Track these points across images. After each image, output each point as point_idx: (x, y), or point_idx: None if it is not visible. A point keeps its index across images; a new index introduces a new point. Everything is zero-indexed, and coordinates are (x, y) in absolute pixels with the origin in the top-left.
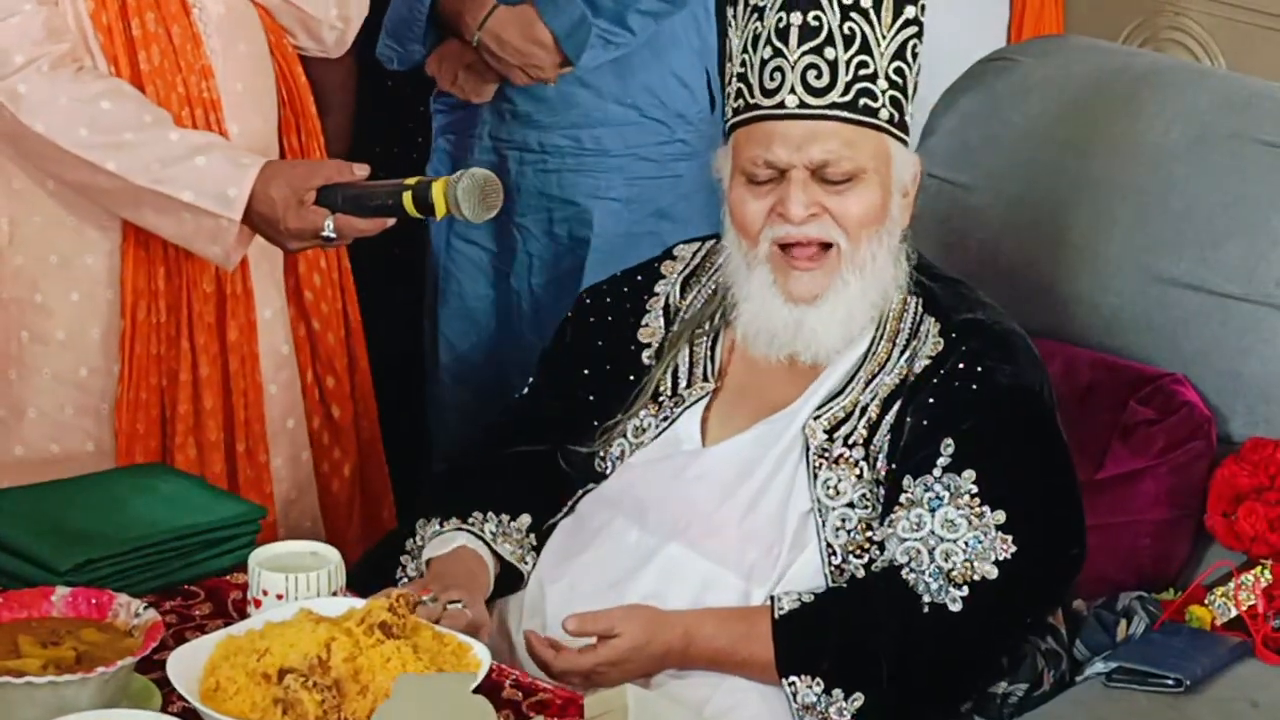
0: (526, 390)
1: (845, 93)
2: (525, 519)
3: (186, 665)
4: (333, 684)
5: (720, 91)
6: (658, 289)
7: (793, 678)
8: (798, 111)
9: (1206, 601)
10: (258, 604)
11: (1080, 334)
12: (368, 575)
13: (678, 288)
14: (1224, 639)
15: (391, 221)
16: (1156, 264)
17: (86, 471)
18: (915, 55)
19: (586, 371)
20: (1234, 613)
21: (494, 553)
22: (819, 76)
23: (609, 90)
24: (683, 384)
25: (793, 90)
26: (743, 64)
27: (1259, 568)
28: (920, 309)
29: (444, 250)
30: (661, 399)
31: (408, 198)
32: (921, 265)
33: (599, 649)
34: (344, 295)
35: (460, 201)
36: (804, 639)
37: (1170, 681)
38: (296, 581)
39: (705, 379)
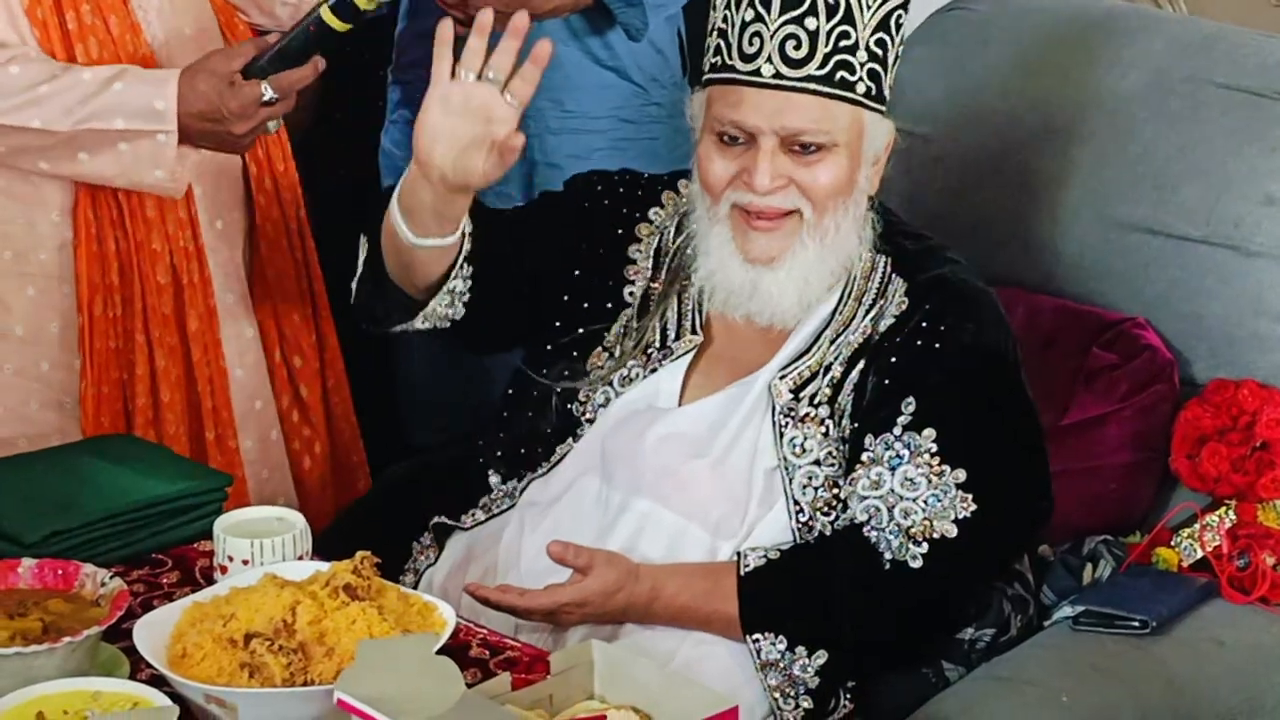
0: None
1: (823, 65)
2: None
3: (153, 633)
4: (298, 647)
5: (690, 54)
6: (652, 215)
7: (756, 635)
8: (773, 82)
9: (1172, 543)
10: (224, 570)
11: (1042, 281)
12: (337, 541)
13: (672, 229)
14: (1190, 580)
15: (323, 62)
16: (1116, 209)
17: None
18: (899, 27)
19: (577, 273)
20: (1199, 554)
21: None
22: (798, 47)
23: (591, 52)
24: (671, 336)
25: (770, 60)
26: (724, 19)
27: (1223, 508)
28: (889, 268)
29: None
30: (650, 351)
31: (326, 12)
32: (893, 223)
33: (565, 588)
34: (309, 273)
35: None
36: (767, 597)
37: (1136, 623)
38: (262, 547)
39: (693, 331)
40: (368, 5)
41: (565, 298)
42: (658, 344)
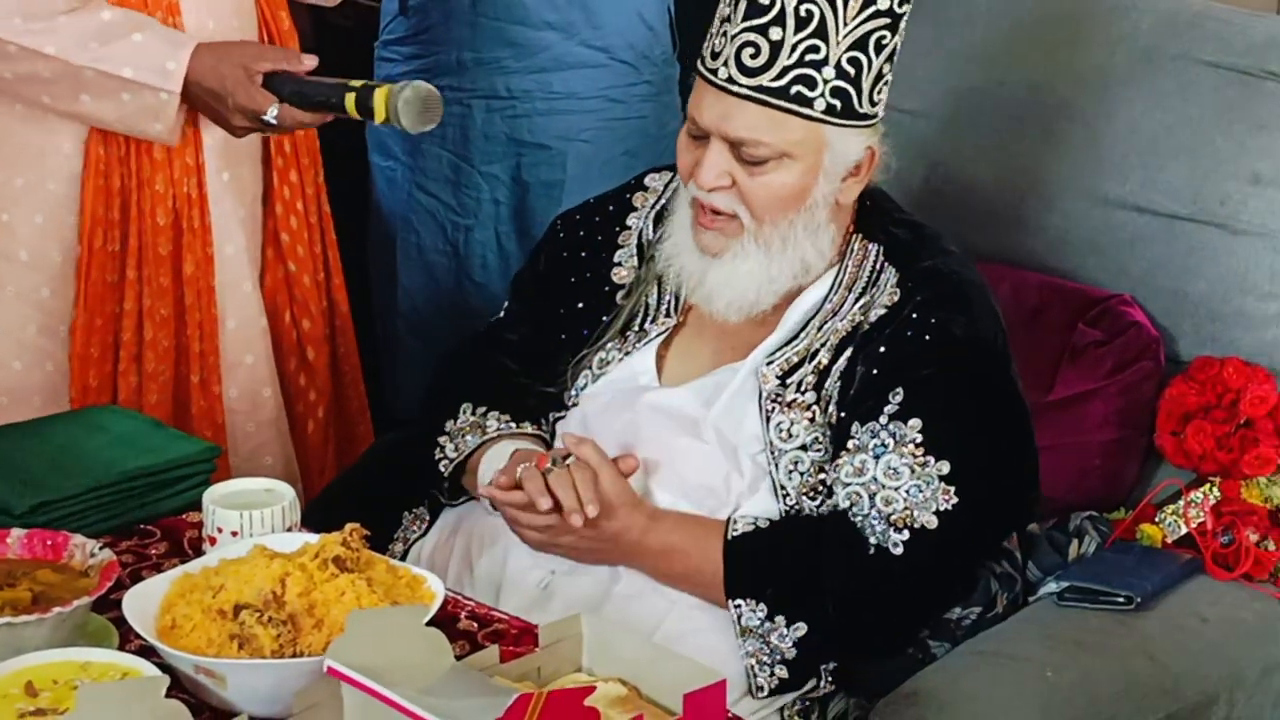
0: (503, 314)
1: (779, 77)
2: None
3: (143, 603)
4: (288, 618)
5: (681, 32)
6: (630, 222)
7: (739, 600)
8: (725, 85)
9: (1157, 520)
10: (213, 541)
11: (1027, 257)
12: (319, 515)
13: (650, 222)
14: (1174, 556)
15: (330, 117)
16: (1102, 186)
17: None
18: (881, 48)
19: (562, 311)
20: (1184, 530)
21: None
22: (755, 56)
23: (578, 33)
24: (648, 319)
25: (726, 63)
26: (718, 10)
27: (1207, 485)
28: (881, 257)
29: (404, 201)
30: (628, 333)
31: (350, 99)
32: (887, 210)
33: (580, 480)
34: (323, 239)
35: (400, 112)
36: (752, 564)
37: (1121, 599)
38: (251, 518)
39: (668, 314)
40: (379, 119)
41: (563, 336)
42: (636, 326)
